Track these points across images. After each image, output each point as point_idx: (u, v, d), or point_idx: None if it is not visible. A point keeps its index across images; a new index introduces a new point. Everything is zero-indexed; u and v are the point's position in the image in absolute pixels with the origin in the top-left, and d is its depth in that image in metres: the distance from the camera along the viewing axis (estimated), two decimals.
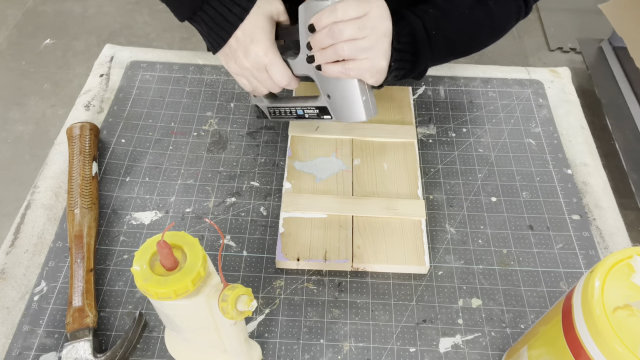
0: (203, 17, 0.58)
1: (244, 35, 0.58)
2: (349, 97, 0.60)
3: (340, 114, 0.63)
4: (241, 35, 0.59)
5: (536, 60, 2.24)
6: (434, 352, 0.57)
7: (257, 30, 0.58)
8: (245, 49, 0.59)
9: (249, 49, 0.59)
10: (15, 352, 0.56)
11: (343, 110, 0.62)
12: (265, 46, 0.59)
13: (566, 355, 0.40)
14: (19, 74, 2.14)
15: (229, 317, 0.41)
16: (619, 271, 0.38)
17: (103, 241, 0.65)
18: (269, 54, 0.59)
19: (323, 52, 0.56)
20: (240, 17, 0.58)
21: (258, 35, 0.58)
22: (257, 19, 0.58)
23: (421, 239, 0.64)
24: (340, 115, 0.63)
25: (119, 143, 0.75)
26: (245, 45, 0.59)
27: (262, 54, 0.59)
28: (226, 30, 0.59)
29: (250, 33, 0.58)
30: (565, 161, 0.75)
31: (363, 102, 0.59)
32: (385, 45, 0.57)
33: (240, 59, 0.60)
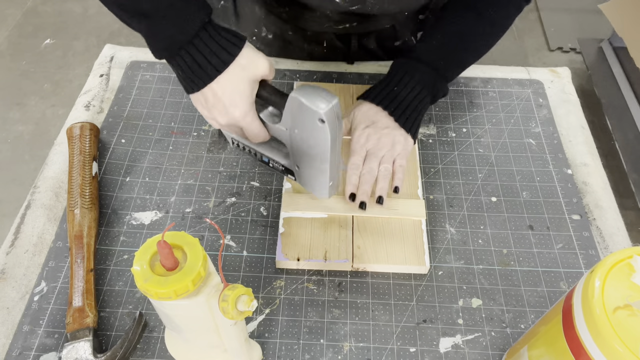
0: (179, 61, 0.54)
1: (223, 94, 0.55)
2: (317, 178, 0.61)
3: (305, 183, 0.65)
4: (220, 92, 0.55)
5: (536, 60, 2.24)
6: (434, 352, 0.57)
7: (237, 94, 0.55)
8: (223, 108, 0.56)
9: (227, 110, 0.56)
10: (16, 352, 0.56)
11: (308, 183, 0.64)
12: (243, 111, 0.56)
13: (566, 355, 0.40)
14: (19, 74, 2.14)
15: (229, 317, 0.41)
16: (619, 271, 0.38)
17: (103, 241, 0.65)
18: (247, 117, 0.57)
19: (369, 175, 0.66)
20: (218, 69, 0.54)
21: (238, 99, 0.56)
22: (238, 81, 0.55)
23: (421, 239, 0.64)
24: (305, 185, 0.65)
25: (119, 143, 0.75)
26: (223, 105, 0.56)
27: (239, 118, 0.57)
28: (202, 80, 0.55)
29: (230, 95, 0.55)
30: (566, 161, 0.75)
31: (329, 186, 0.62)
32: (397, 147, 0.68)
33: (214, 114, 0.58)
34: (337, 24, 0.77)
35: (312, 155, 0.59)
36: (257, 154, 0.66)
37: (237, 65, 0.54)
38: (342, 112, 0.57)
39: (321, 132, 0.55)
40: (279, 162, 0.65)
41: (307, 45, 0.86)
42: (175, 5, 0.51)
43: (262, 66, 0.56)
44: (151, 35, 0.55)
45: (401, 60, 0.73)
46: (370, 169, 0.66)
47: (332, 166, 0.59)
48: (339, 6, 0.72)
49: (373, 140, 0.68)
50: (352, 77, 0.85)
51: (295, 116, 0.56)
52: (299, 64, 0.86)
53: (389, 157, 0.67)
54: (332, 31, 0.82)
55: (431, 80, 0.71)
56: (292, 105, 0.55)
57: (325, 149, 0.56)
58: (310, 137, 0.56)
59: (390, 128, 0.68)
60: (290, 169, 0.64)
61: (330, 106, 0.53)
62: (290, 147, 0.61)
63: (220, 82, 0.55)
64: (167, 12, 0.51)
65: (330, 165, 0.58)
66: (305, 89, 0.54)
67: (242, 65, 0.55)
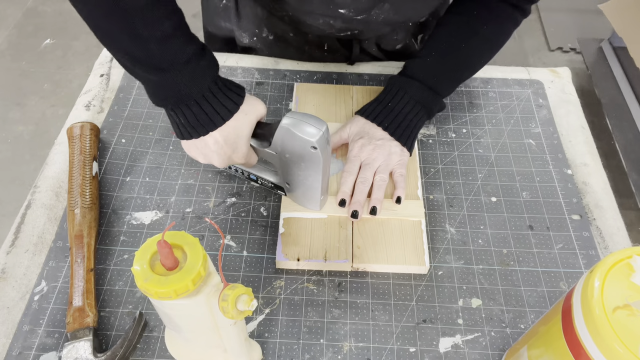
0: (185, 111, 0.55)
1: (226, 141, 0.57)
2: (309, 193, 0.64)
3: (295, 198, 0.67)
4: (222, 140, 0.57)
5: (536, 60, 2.24)
6: (434, 352, 0.57)
7: (241, 140, 0.58)
8: (224, 154, 0.59)
9: (228, 155, 0.59)
10: (16, 351, 0.56)
11: (299, 199, 0.66)
12: (242, 153, 0.60)
13: (566, 355, 0.40)
14: (19, 74, 2.14)
15: (229, 316, 0.41)
16: (618, 271, 0.38)
17: (103, 241, 0.65)
18: (245, 157, 0.61)
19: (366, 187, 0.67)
20: (224, 118, 0.56)
21: (240, 144, 0.58)
22: (242, 127, 0.57)
23: (421, 239, 0.64)
24: (297, 200, 0.67)
25: (119, 143, 0.75)
26: (224, 152, 0.58)
27: (238, 160, 0.60)
28: (206, 128, 0.56)
29: (234, 141, 0.58)
30: (565, 161, 0.75)
31: (320, 200, 0.65)
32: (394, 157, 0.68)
33: (212, 158, 0.59)
34: (339, 31, 0.78)
35: (303, 177, 0.62)
36: (244, 172, 0.69)
37: (241, 112, 0.57)
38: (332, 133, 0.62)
39: (313, 157, 0.58)
40: (268, 180, 0.68)
41: (308, 47, 0.86)
42: (192, 61, 0.53)
43: (261, 110, 0.60)
44: (161, 87, 0.55)
45: (396, 77, 0.74)
46: (365, 178, 0.67)
47: (323, 184, 0.62)
48: (343, 15, 0.72)
49: (367, 150, 0.68)
50: (352, 77, 0.85)
51: (285, 143, 0.58)
52: (299, 65, 0.86)
53: (385, 167, 0.68)
54: (334, 36, 0.82)
55: (425, 96, 0.72)
56: (282, 134, 0.58)
57: (317, 171, 0.59)
58: (302, 162, 0.59)
59: (385, 139, 0.69)
60: (280, 186, 0.67)
61: (321, 133, 0.56)
62: (280, 168, 0.64)
63: (224, 129, 0.57)
64: (184, 68, 0.53)
65: (322, 184, 0.62)
66: (294, 119, 0.57)
67: (245, 111, 0.58)
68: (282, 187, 0.67)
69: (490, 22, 0.72)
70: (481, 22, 0.72)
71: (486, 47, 0.74)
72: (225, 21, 0.88)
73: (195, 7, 2.67)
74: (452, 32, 0.73)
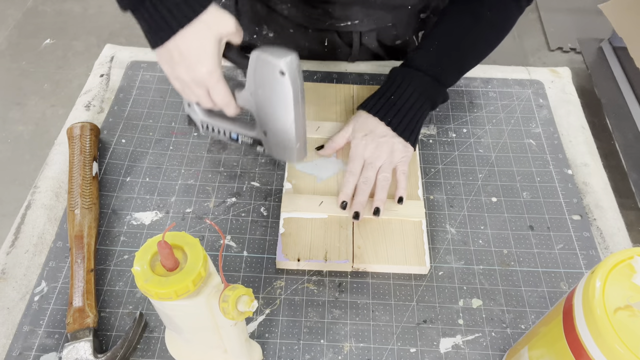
0: (144, 13, 0.54)
1: (189, 50, 0.55)
2: (284, 141, 0.62)
3: (273, 151, 0.65)
4: (185, 48, 0.55)
5: (536, 60, 2.24)
6: (435, 352, 0.57)
7: (203, 52, 0.55)
8: (188, 65, 0.56)
9: (192, 67, 0.56)
10: (16, 352, 0.56)
11: (277, 149, 0.64)
12: (209, 68, 0.56)
13: (567, 355, 0.40)
14: (19, 74, 2.14)
15: (230, 317, 0.41)
16: (619, 272, 0.38)
17: (103, 241, 0.65)
18: (214, 76, 0.57)
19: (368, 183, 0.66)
20: (180, 24, 0.54)
21: (204, 57, 0.55)
22: (204, 39, 0.55)
23: (421, 239, 0.64)
24: (273, 152, 0.66)
25: (119, 143, 0.75)
26: (188, 62, 0.56)
27: (206, 75, 0.57)
28: (165, 33, 0.54)
29: (196, 51, 0.55)
30: (566, 161, 0.75)
31: (297, 148, 0.62)
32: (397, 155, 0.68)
33: (179, 71, 0.57)
34: (338, 21, 0.77)
35: (276, 116, 0.59)
36: (226, 132, 0.67)
37: (202, 22, 0.54)
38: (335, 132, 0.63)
39: (283, 86, 0.55)
40: (247, 135, 0.66)
41: (308, 43, 0.86)
42: None
43: (228, 25, 0.56)
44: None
45: (398, 68, 0.73)
46: (367, 178, 0.66)
47: (297, 125, 0.59)
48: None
49: (370, 148, 0.68)
50: (353, 77, 0.85)
51: (257, 74, 0.56)
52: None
53: (388, 165, 0.67)
54: (334, 29, 0.82)
55: (429, 87, 0.71)
56: (254, 64, 0.56)
57: (287, 103, 0.57)
58: (273, 94, 0.57)
59: (389, 136, 0.69)
60: (259, 139, 0.65)
61: (290, 58, 0.54)
62: (256, 113, 0.61)
63: (186, 37, 0.54)
64: None
65: (295, 124, 0.59)
66: (265, 47, 0.55)
67: (207, 22, 0.54)
68: (261, 141, 0.65)
69: (493, 8, 0.71)
70: (485, 7, 0.71)
71: (491, 34, 0.73)
72: None
73: None
74: (455, 20, 0.72)
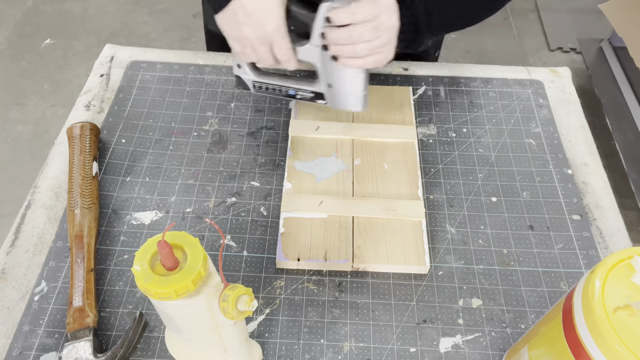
0: None
1: (254, 8, 0.57)
2: (352, 90, 0.63)
3: (338, 102, 0.66)
4: (250, 7, 0.57)
5: (536, 60, 2.24)
6: (435, 352, 0.57)
7: (269, 8, 0.57)
8: (255, 23, 0.58)
9: (259, 24, 0.58)
10: (16, 352, 0.56)
11: (342, 100, 0.65)
12: (276, 24, 0.58)
13: (567, 355, 0.40)
14: (19, 74, 2.14)
15: (230, 317, 0.41)
16: (619, 271, 0.38)
17: (103, 241, 0.65)
18: (280, 31, 0.59)
19: (340, 47, 0.59)
20: None
21: (270, 13, 0.57)
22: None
23: (421, 239, 0.64)
24: (338, 104, 0.66)
25: (119, 143, 0.75)
26: (254, 20, 0.57)
27: (272, 32, 0.58)
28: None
29: (262, 8, 0.57)
30: (566, 161, 0.75)
31: (363, 96, 0.64)
32: (395, 39, 0.61)
33: (244, 30, 0.59)
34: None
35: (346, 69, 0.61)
36: (282, 89, 0.68)
37: None
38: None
39: None
40: (306, 90, 0.67)
41: None
42: None
43: None
44: None
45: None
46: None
47: (365, 73, 0.62)
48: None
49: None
50: None
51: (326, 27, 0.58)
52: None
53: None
54: None
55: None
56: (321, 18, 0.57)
57: None
58: None
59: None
60: (320, 93, 0.66)
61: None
62: (321, 65, 0.63)
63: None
64: None
65: (364, 72, 0.61)
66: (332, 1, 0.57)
67: None
68: (322, 95, 0.66)
69: None
70: None
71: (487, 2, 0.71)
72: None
73: (195, 7, 2.66)
74: None
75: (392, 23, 0.59)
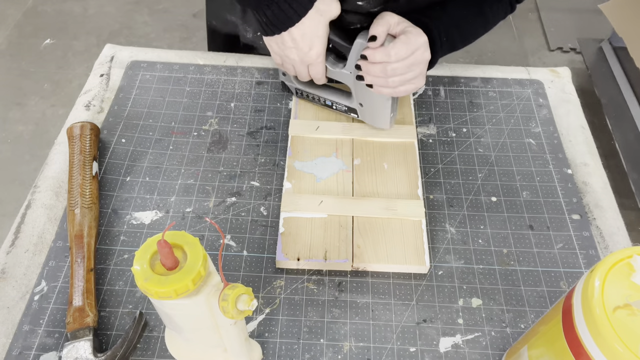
0: (266, 10, 0.62)
1: (303, 38, 0.63)
2: (380, 111, 0.72)
3: (368, 119, 0.75)
4: (299, 37, 0.63)
5: (536, 60, 2.24)
6: (434, 351, 0.57)
7: (316, 38, 0.64)
8: (300, 49, 0.64)
9: (303, 51, 0.64)
10: (16, 351, 0.56)
11: (371, 118, 0.74)
12: (318, 51, 0.65)
13: (566, 354, 0.40)
14: (19, 74, 2.14)
15: (229, 316, 0.41)
16: (619, 271, 0.38)
17: (103, 241, 0.65)
18: (320, 58, 0.66)
19: (374, 78, 0.65)
20: (299, 15, 0.61)
21: (316, 42, 0.64)
22: (317, 25, 0.63)
23: (421, 239, 0.64)
24: (368, 120, 0.75)
25: (119, 143, 0.75)
26: (300, 46, 0.64)
27: (314, 57, 0.65)
28: (285, 24, 0.62)
29: (310, 39, 0.63)
30: (566, 161, 0.75)
31: (391, 117, 0.73)
32: (425, 70, 0.66)
33: (289, 52, 0.65)
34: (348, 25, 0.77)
35: (375, 94, 0.68)
36: (320, 99, 0.77)
37: (316, 10, 0.62)
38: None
39: None
40: (342, 104, 0.75)
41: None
42: None
43: (336, 9, 0.64)
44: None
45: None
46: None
47: (393, 101, 0.70)
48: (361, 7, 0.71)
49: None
50: None
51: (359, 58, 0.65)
52: None
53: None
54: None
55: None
56: (357, 49, 0.64)
57: None
58: None
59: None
60: (353, 108, 0.74)
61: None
62: (354, 88, 0.71)
63: (300, 27, 0.62)
64: None
65: (392, 100, 0.69)
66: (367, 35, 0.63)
67: (320, 10, 0.62)
68: (355, 110, 0.74)
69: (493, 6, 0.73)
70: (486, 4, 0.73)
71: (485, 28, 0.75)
72: (231, 14, 0.88)
73: (195, 7, 2.66)
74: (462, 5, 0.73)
75: (424, 58, 0.64)
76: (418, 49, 0.63)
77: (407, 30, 0.63)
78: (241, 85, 0.83)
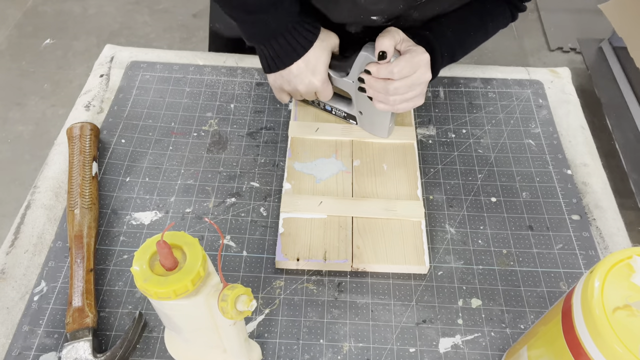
0: (273, 44, 0.66)
1: (307, 66, 0.67)
2: (379, 121, 0.73)
3: (366, 126, 0.75)
4: (304, 65, 0.67)
5: (536, 60, 2.24)
6: (434, 352, 0.57)
7: (320, 65, 0.68)
8: (305, 78, 0.68)
9: (308, 79, 0.68)
10: (15, 352, 0.56)
11: (370, 126, 0.74)
12: (322, 77, 0.69)
13: (566, 355, 0.40)
14: (19, 74, 2.14)
15: (229, 316, 0.41)
16: (618, 271, 0.38)
17: (103, 241, 0.65)
18: (324, 83, 0.69)
19: (376, 93, 0.66)
20: (306, 48, 0.66)
21: (319, 68, 0.68)
22: (320, 53, 0.67)
23: (421, 239, 0.64)
24: (366, 128, 0.75)
25: (119, 143, 0.75)
26: (305, 76, 0.68)
27: (318, 84, 0.69)
28: (291, 58, 0.66)
29: (314, 66, 0.67)
30: (565, 161, 0.75)
31: (389, 127, 0.73)
32: (425, 90, 0.67)
33: (294, 84, 0.69)
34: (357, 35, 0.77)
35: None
36: (320, 103, 0.77)
37: (319, 40, 0.67)
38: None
39: None
40: (342, 110, 0.76)
41: None
42: (276, 3, 0.64)
43: (334, 39, 0.69)
44: (253, 26, 0.66)
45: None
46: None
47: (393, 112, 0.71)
48: (374, 22, 0.71)
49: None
50: None
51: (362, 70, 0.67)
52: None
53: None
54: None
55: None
56: (361, 61, 0.66)
57: None
58: None
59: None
60: (352, 115, 0.75)
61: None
62: (354, 97, 0.72)
63: (306, 57, 0.67)
64: (269, 9, 0.64)
65: (391, 113, 0.70)
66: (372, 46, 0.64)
67: (321, 39, 0.67)
68: (354, 117, 0.75)
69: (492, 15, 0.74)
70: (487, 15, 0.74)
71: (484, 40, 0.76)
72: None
73: (196, 7, 2.66)
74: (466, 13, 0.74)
75: (426, 78, 0.65)
76: (420, 68, 0.64)
77: (411, 49, 0.64)
78: (241, 86, 0.83)
